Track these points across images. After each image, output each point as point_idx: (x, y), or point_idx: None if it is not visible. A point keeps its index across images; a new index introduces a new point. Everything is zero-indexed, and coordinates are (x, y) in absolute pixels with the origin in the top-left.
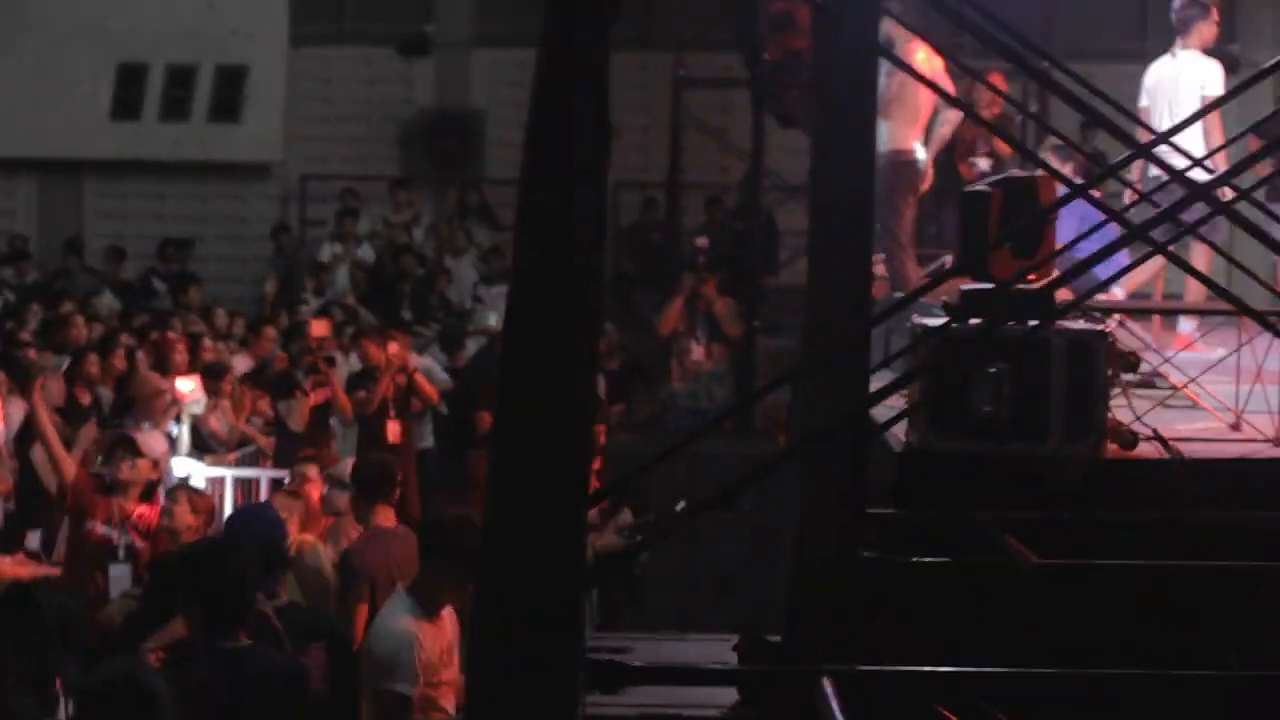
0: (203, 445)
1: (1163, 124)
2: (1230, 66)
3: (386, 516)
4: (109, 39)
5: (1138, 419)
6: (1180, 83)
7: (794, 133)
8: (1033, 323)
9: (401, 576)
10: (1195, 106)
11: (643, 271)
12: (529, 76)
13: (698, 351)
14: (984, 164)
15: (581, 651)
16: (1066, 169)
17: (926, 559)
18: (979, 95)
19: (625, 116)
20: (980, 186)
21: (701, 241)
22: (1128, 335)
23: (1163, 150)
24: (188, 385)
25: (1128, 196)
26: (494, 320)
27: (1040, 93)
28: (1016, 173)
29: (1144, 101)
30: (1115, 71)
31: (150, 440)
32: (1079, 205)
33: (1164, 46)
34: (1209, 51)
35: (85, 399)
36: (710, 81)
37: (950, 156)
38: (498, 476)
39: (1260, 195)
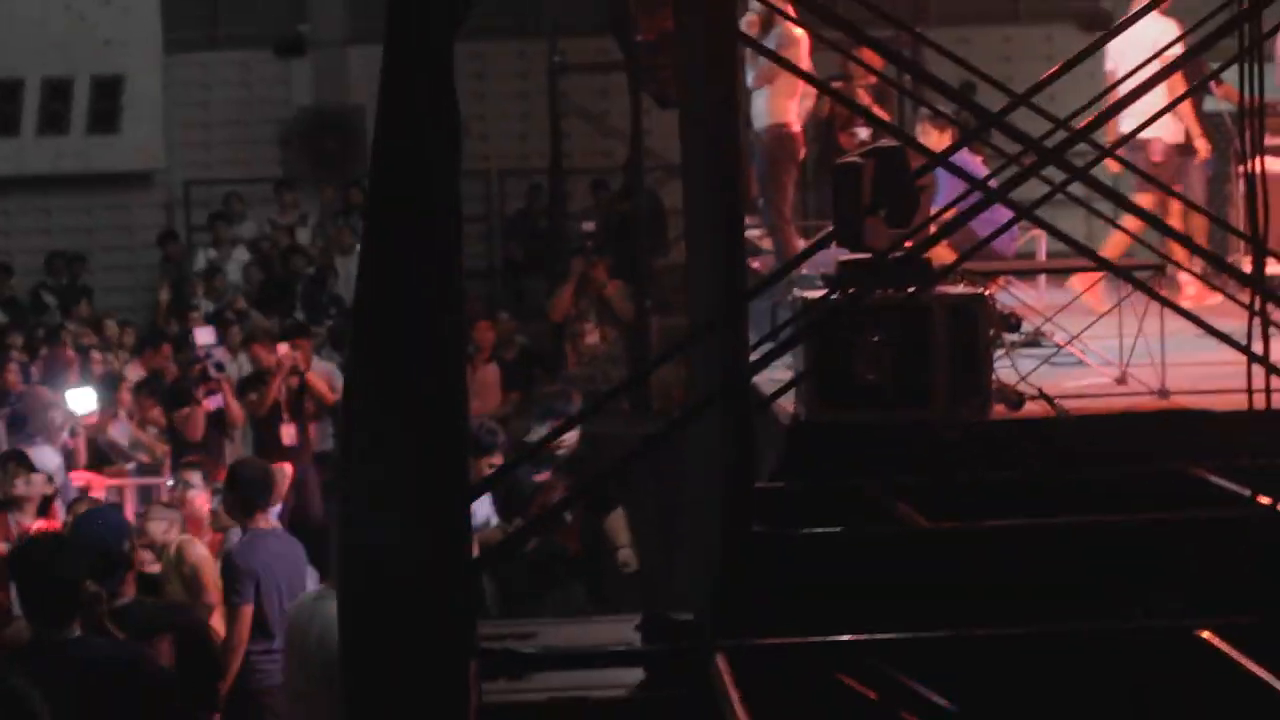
0: (102, 457)
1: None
2: (1103, 22)
3: (265, 520)
4: None
5: (1023, 379)
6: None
7: (674, 113)
8: (910, 289)
9: (283, 578)
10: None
11: (531, 258)
12: None
13: (591, 335)
14: (864, 134)
15: (472, 640)
16: (947, 135)
17: (816, 530)
18: (854, 66)
19: (505, 104)
20: (852, 158)
21: (588, 225)
22: (1014, 297)
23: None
24: (81, 398)
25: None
26: None
27: (915, 60)
28: (886, 142)
29: (1109, 64)
30: (991, 34)
31: (43, 455)
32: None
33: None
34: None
35: None
36: (587, 66)
37: (830, 128)
38: (366, 470)
39: None
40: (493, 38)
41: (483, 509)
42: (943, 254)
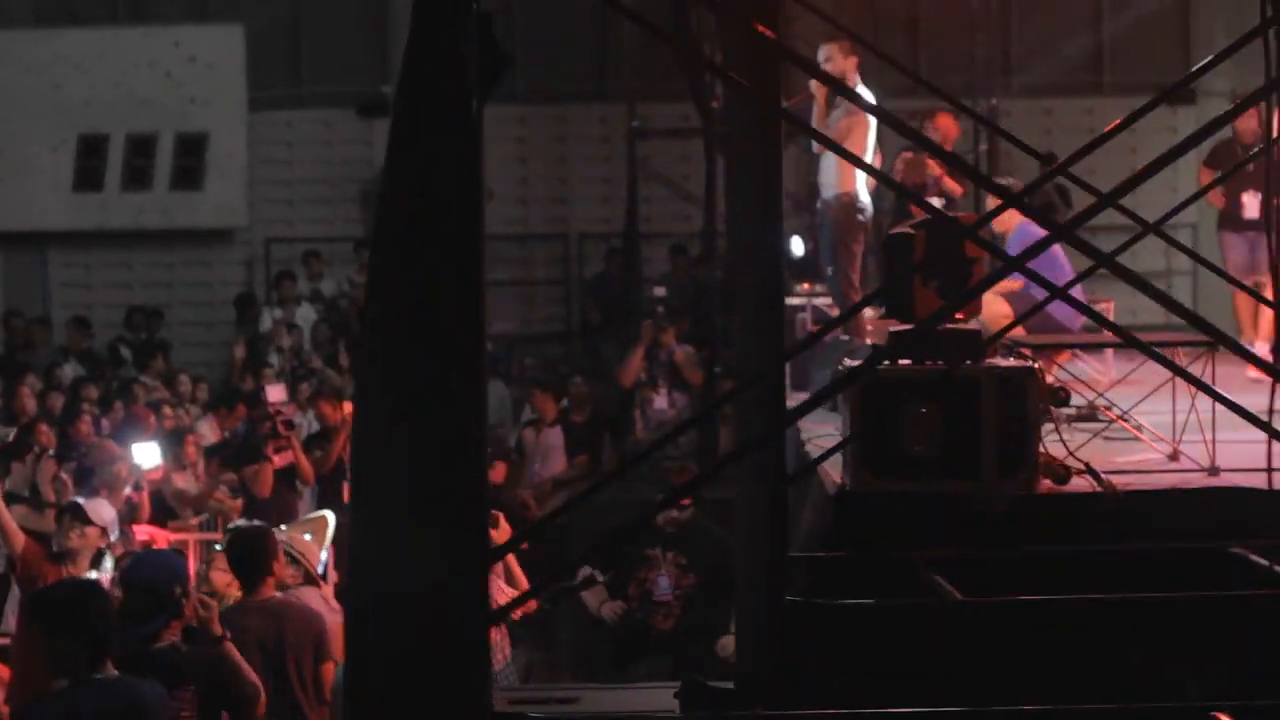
0: (167, 511)
1: None
2: (1188, 97)
3: (269, 588)
4: (68, 110)
5: (1071, 454)
6: None
7: None
8: (960, 361)
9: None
10: None
11: (609, 321)
12: (488, 131)
13: (660, 400)
14: (936, 204)
15: (486, 700)
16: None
17: (851, 600)
18: (931, 133)
19: (586, 168)
20: (903, 229)
21: (659, 290)
22: (1081, 368)
23: None
24: (147, 452)
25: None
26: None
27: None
28: (942, 213)
29: None
30: (1074, 105)
31: (99, 508)
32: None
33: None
34: None
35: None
36: (666, 131)
37: (901, 199)
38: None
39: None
40: (575, 101)
41: None
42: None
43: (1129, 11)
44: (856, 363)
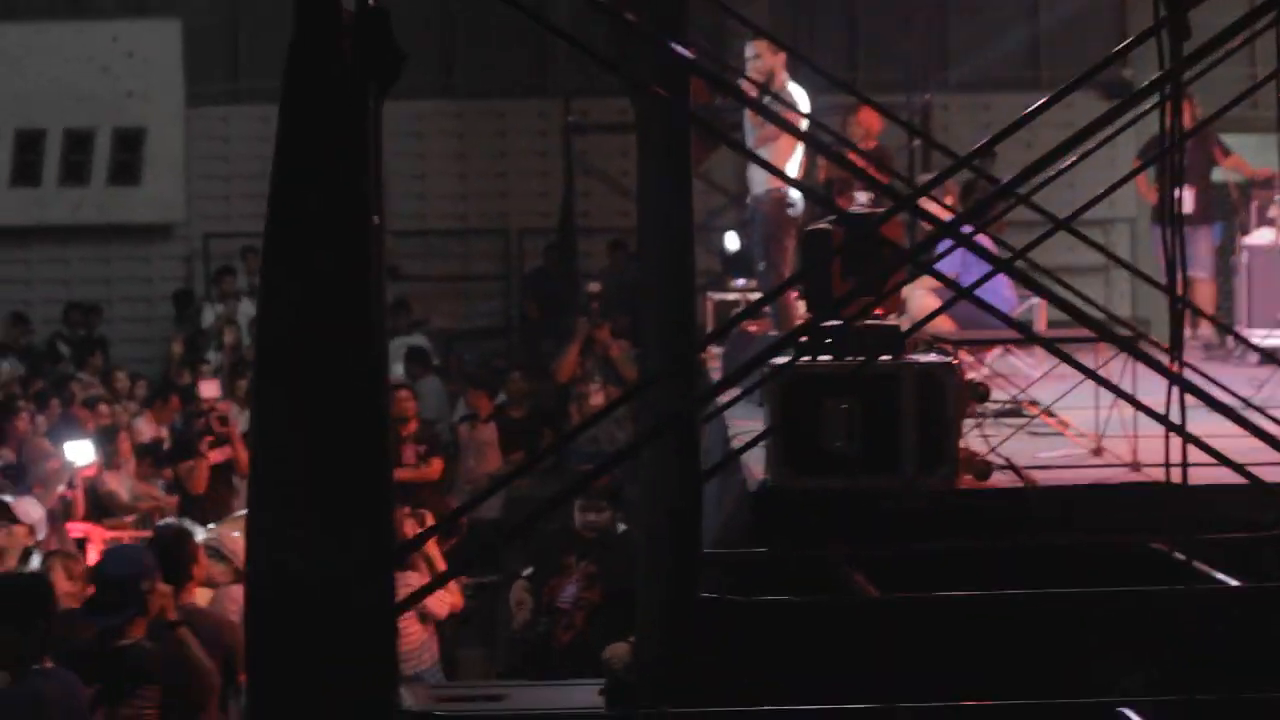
0: (101, 508)
1: None
2: (1124, 90)
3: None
4: (4, 105)
5: (992, 450)
6: None
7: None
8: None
9: None
10: None
11: (548, 317)
12: (427, 126)
13: (597, 396)
14: (863, 197)
15: (392, 699)
16: (949, 199)
17: (766, 597)
18: (854, 128)
19: (525, 162)
20: (821, 225)
21: (594, 286)
22: (1012, 363)
23: None
24: (80, 449)
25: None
26: (398, 371)
27: (923, 123)
28: (857, 208)
29: None
30: (1012, 101)
31: (27, 506)
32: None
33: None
34: None
35: None
36: (603, 126)
37: (829, 192)
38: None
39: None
40: (513, 97)
41: None
42: (941, 323)
43: (1066, 5)
44: (781, 359)
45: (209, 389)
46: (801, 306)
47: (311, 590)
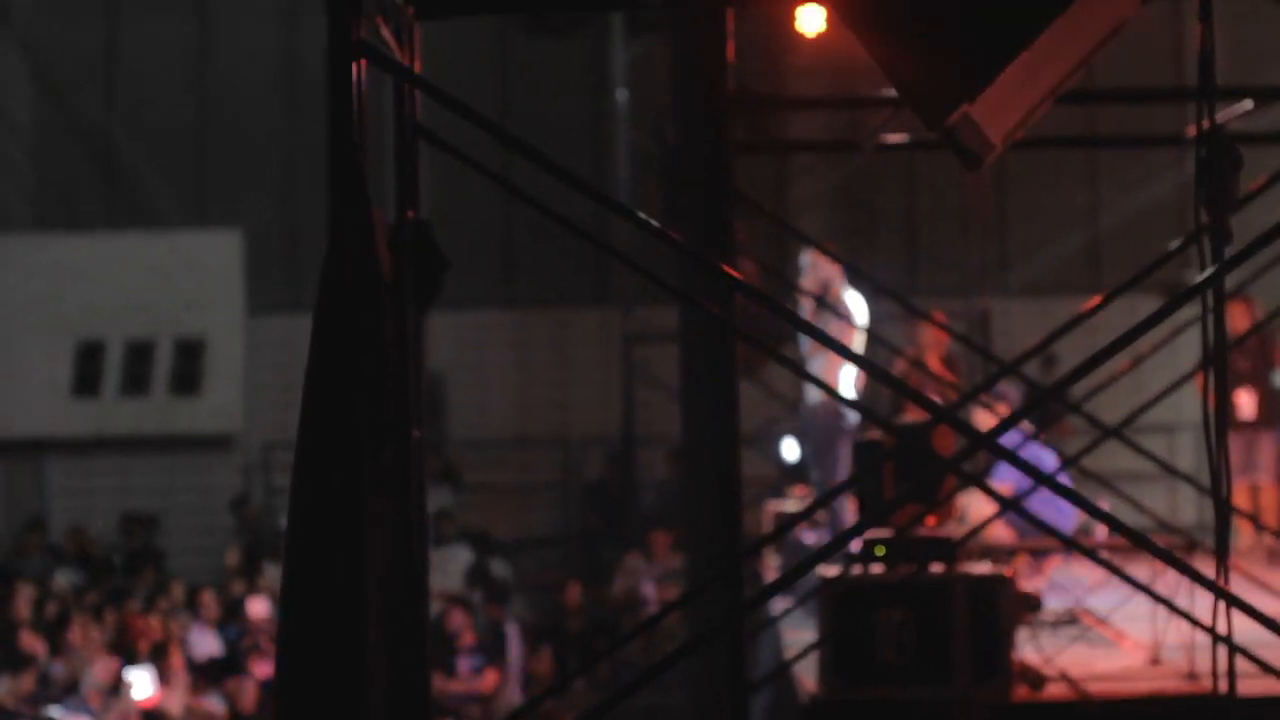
0: None
1: None
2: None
3: None
4: (67, 316)
5: (1047, 660)
6: None
7: (744, 383)
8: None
9: None
10: None
11: (606, 527)
12: (487, 336)
13: (653, 606)
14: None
15: None
16: (1003, 408)
17: None
18: (926, 334)
19: (585, 372)
20: (874, 435)
21: (650, 498)
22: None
23: None
24: (141, 679)
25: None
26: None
27: (983, 328)
28: (910, 418)
29: None
30: (1073, 304)
31: None
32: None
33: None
34: None
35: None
36: (662, 335)
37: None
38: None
39: None
40: (573, 305)
41: None
42: (999, 531)
43: (1126, 207)
44: (831, 570)
45: (258, 607)
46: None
47: None
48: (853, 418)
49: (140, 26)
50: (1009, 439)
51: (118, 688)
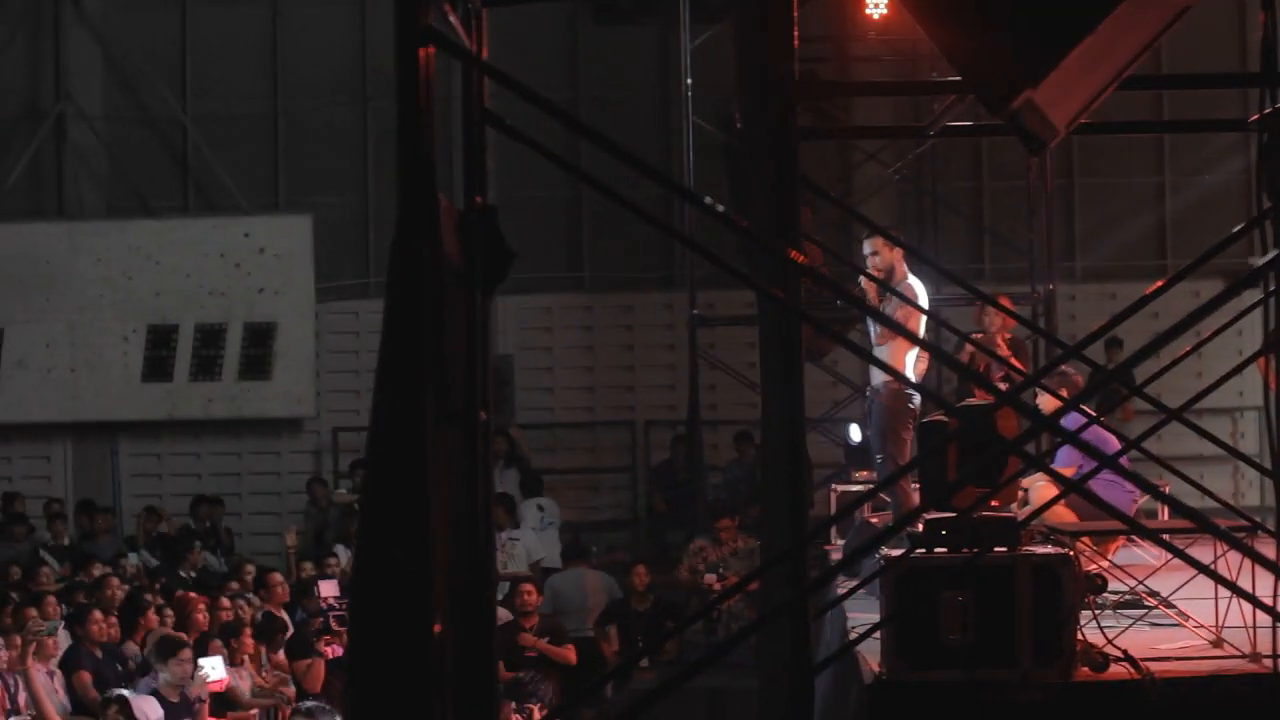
0: (224, 703)
1: None
2: (1252, 279)
3: None
4: (139, 301)
5: (1109, 641)
6: None
7: (811, 366)
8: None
9: None
10: None
11: (673, 509)
12: (556, 320)
13: (716, 587)
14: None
15: None
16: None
17: None
18: (992, 318)
19: (652, 355)
20: (937, 416)
21: (716, 480)
22: (1137, 554)
23: None
24: (214, 665)
25: None
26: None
27: (1048, 313)
28: (973, 401)
29: None
30: (1137, 289)
31: (143, 704)
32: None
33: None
34: None
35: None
36: (728, 319)
37: (964, 383)
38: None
39: None
40: (640, 289)
41: None
42: (1062, 512)
43: (1192, 190)
44: (894, 551)
45: (329, 587)
46: (919, 498)
47: None
48: (917, 400)
49: (211, 14)
50: (1071, 422)
51: (189, 670)
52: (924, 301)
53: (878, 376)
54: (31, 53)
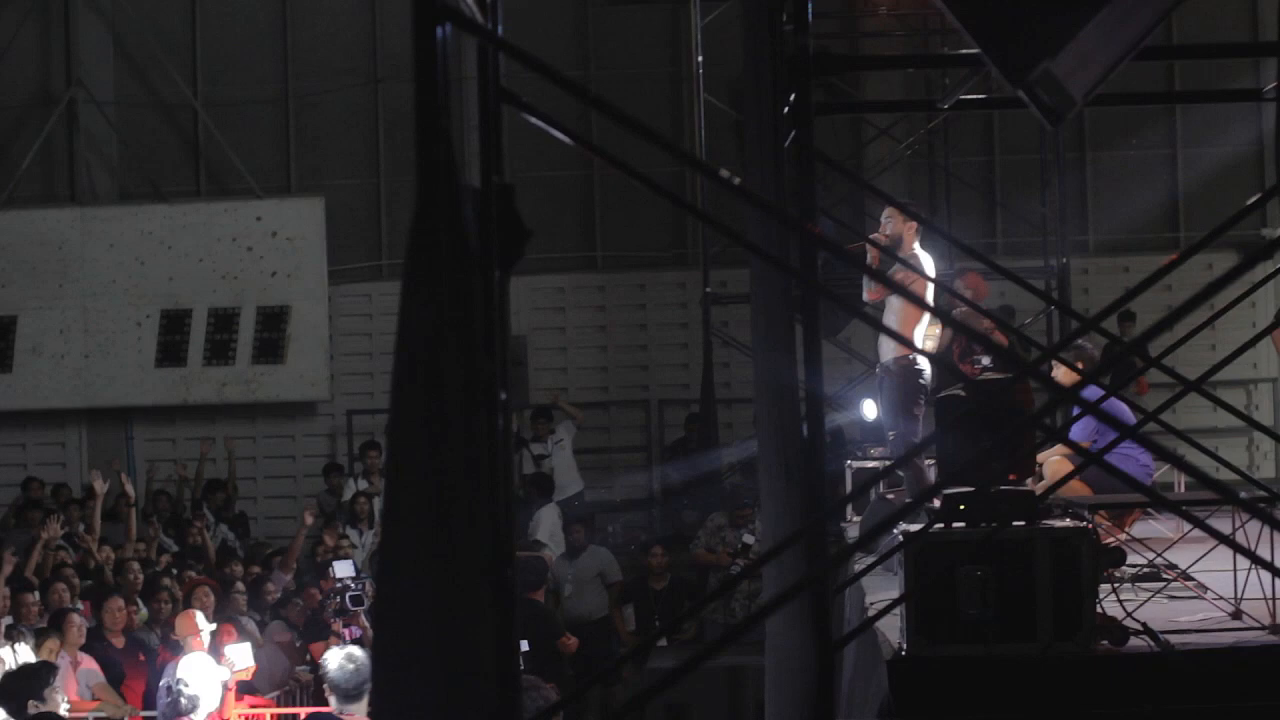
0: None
1: None
2: (1266, 251)
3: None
4: (152, 286)
5: (1129, 614)
6: None
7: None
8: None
9: None
10: None
11: (688, 488)
12: (569, 299)
13: (737, 566)
14: (987, 361)
15: None
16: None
17: None
18: (981, 290)
19: (666, 333)
20: (953, 390)
21: (730, 460)
22: (1154, 527)
23: None
24: (240, 654)
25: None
26: (542, 534)
27: (1061, 286)
28: (990, 375)
29: None
30: (1150, 262)
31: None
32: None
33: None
34: None
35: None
36: (741, 296)
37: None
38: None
39: None
40: (653, 268)
41: None
42: (1076, 486)
43: (1206, 163)
44: (914, 526)
45: (343, 568)
46: (934, 473)
47: None
48: (928, 374)
49: None
50: (1087, 395)
51: (212, 655)
52: (929, 272)
53: (887, 352)
54: (42, 39)
